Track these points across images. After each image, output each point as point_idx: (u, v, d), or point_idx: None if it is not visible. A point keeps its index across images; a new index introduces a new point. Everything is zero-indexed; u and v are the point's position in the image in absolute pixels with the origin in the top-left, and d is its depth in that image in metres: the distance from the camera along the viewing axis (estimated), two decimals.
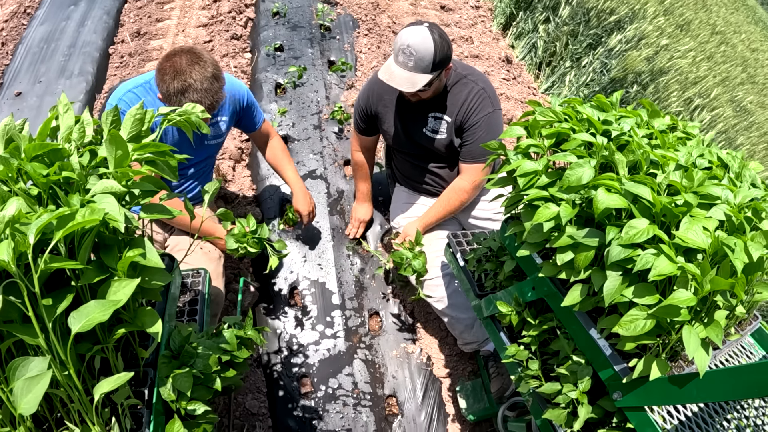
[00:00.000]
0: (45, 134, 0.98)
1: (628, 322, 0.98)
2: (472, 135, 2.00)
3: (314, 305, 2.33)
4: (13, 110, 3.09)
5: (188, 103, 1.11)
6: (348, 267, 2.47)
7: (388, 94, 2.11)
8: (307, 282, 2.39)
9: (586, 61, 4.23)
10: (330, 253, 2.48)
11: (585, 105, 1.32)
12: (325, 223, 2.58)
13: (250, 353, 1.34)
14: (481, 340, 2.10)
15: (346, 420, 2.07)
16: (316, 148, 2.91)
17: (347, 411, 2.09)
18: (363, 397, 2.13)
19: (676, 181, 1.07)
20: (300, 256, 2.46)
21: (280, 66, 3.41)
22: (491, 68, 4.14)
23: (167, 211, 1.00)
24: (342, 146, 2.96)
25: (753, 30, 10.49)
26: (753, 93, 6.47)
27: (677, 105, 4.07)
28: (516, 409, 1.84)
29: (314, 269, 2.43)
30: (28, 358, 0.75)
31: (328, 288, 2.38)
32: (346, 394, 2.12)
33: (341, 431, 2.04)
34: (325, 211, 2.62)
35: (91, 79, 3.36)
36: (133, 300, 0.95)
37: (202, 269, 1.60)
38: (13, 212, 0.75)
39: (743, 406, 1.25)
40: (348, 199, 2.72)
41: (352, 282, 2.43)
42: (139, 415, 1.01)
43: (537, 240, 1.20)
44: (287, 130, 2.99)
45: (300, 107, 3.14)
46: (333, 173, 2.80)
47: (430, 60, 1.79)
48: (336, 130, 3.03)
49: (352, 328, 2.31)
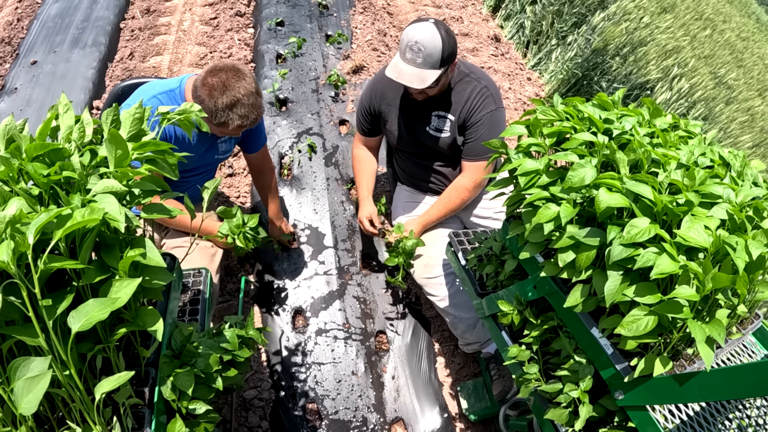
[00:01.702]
0: (45, 134, 0.98)
1: (630, 323, 0.98)
2: (474, 133, 2.00)
3: (309, 246, 2.48)
4: (29, 76, 3.30)
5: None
6: (341, 212, 2.63)
7: (391, 93, 2.10)
8: (302, 224, 2.56)
9: (571, 39, 4.46)
10: (324, 199, 2.65)
11: (586, 104, 1.31)
12: (321, 173, 2.77)
13: (252, 353, 1.34)
14: (483, 340, 2.09)
15: (336, 353, 2.17)
16: (313, 108, 3.11)
17: (338, 344, 2.20)
18: (354, 332, 2.25)
19: (678, 180, 1.07)
20: (297, 203, 2.62)
21: (281, 39, 3.63)
22: (480, 45, 4.39)
23: (167, 211, 1.00)
24: (337, 108, 3.16)
25: (745, 22, 10.45)
26: (740, 74, 6.50)
27: (656, 72, 4.22)
28: (518, 408, 1.84)
29: (310, 214, 2.60)
30: (29, 358, 0.75)
31: (322, 231, 2.54)
32: (337, 328, 2.24)
33: (332, 363, 2.15)
34: (321, 163, 2.82)
35: (104, 49, 3.56)
36: (135, 299, 0.95)
37: (203, 269, 1.60)
38: (13, 212, 0.75)
39: (745, 406, 1.25)
40: (342, 152, 2.90)
41: (345, 226, 2.58)
42: (140, 414, 1.01)
43: (538, 240, 1.20)
44: (287, 93, 3.17)
45: (299, 74, 3.34)
46: (329, 131, 3.02)
47: (438, 56, 1.80)
48: (332, 94, 3.23)
49: (344, 267, 2.44)
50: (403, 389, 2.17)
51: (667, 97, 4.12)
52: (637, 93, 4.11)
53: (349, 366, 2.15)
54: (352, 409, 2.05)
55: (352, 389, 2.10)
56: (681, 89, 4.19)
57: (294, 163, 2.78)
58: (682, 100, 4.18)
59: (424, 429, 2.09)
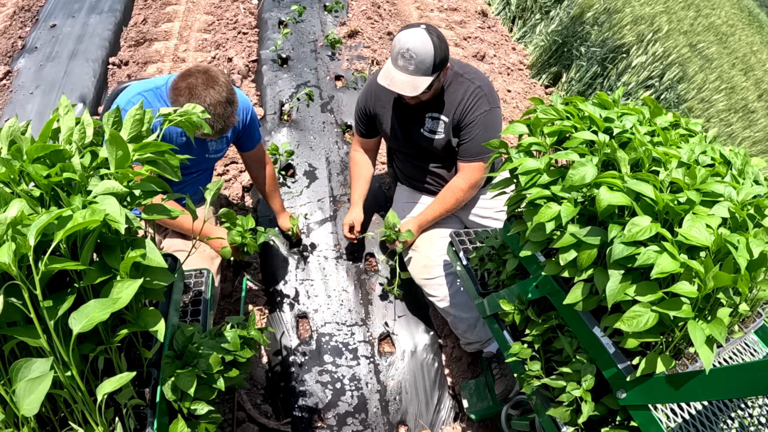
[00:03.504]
0: (46, 136, 0.98)
1: (630, 318, 0.98)
2: (469, 133, 1.99)
3: (305, 177, 2.77)
4: (48, 37, 3.59)
5: (188, 104, 1.11)
6: (335, 150, 2.92)
7: (385, 95, 2.10)
8: (300, 160, 2.85)
9: (554, 13, 4.87)
10: (320, 139, 2.96)
11: (587, 103, 1.31)
12: (318, 118, 3.07)
13: (253, 353, 1.35)
14: (484, 340, 2.09)
15: (328, 270, 2.42)
16: (311, 65, 3.46)
17: (329, 263, 2.43)
18: (345, 253, 2.48)
19: (679, 179, 1.07)
20: (295, 142, 2.91)
21: (283, 8, 3.99)
22: (468, 19, 4.72)
23: (168, 211, 1.00)
24: (333, 65, 3.50)
25: (735, 11, 10.41)
26: (722, 52, 6.53)
27: (630, 36, 4.44)
28: (519, 407, 1.84)
29: (306, 151, 2.90)
30: (31, 359, 0.75)
31: (318, 166, 2.83)
32: (328, 248, 2.49)
33: (323, 280, 2.38)
34: (318, 109, 3.13)
35: (119, 15, 3.87)
36: (136, 300, 0.95)
37: (204, 269, 1.60)
38: (14, 214, 0.75)
39: (747, 404, 1.25)
40: (337, 102, 3.20)
41: (338, 162, 2.86)
42: (142, 415, 1.01)
43: (539, 239, 1.20)
44: (288, 52, 3.54)
45: (299, 37, 3.72)
46: (325, 83, 3.34)
47: (431, 62, 1.79)
48: (329, 53, 3.59)
49: (337, 196, 2.69)
50: (391, 307, 2.36)
51: (643, 60, 4.32)
52: (613, 56, 4.39)
53: (339, 282, 2.38)
54: (341, 322, 2.27)
55: (342, 304, 2.32)
56: (656, 53, 4.43)
57: (293, 109, 3.08)
58: (657, 62, 4.40)
59: (410, 344, 2.25)
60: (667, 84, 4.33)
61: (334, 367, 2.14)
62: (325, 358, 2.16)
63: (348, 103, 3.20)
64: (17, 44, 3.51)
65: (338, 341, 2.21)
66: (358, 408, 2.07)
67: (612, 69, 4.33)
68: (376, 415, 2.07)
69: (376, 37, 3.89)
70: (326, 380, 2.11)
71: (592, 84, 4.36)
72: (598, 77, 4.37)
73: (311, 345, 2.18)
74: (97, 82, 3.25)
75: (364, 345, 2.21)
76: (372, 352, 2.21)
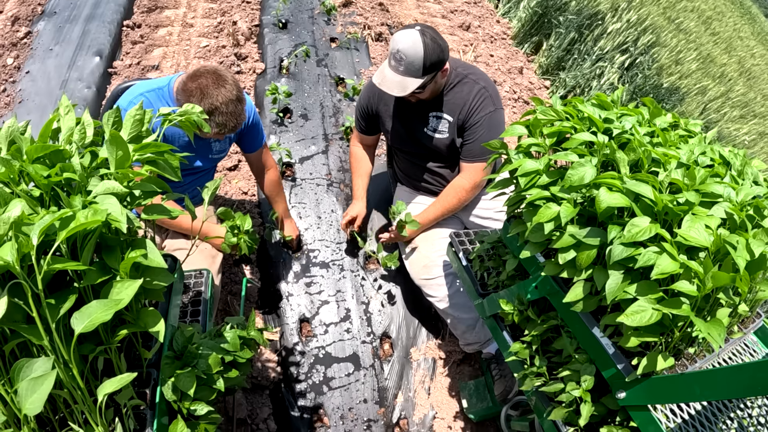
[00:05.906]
0: (46, 136, 0.98)
1: (634, 312, 0.97)
2: (473, 134, 2.00)
3: (301, 119, 3.08)
4: (66, 3, 3.83)
5: (187, 105, 1.11)
6: (329, 96, 3.28)
7: (388, 94, 2.10)
8: (295, 105, 3.15)
9: None
10: (315, 88, 3.32)
11: (586, 103, 1.32)
12: (314, 72, 3.45)
13: (253, 354, 1.35)
14: (483, 341, 2.09)
15: (319, 196, 2.73)
16: (308, 28, 3.85)
17: (320, 189, 2.75)
18: (334, 180, 2.82)
19: (678, 179, 1.07)
20: (292, 90, 3.20)
21: None
22: None
23: (167, 211, 1.00)
24: (329, 29, 3.89)
25: (725, 3, 10.41)
26: (701, 30, 6.62)
27: (606, 3, 4.79)
28: (519, 408, 1.84)
29: (302, 98, 3.24)
30: (32, 359, 0.75)
31: (312, 109, 3.16)
32: (320, 177, 2.81)
33: (315, 204, 2.69)
34: (314, 65, 3.51)
35: None
36: (136, 301, 0.95)
37: (204, 270, 1.60)
38: (17, 213, 0.75)
39: (746, 405, 1.25)
40: (332, 59, 3.60)
41: (331, 106, 3.22)
42: (142, 415, 1.01)
43: (539, 240, 1.20)
44: (287, 17, 3.90)
45: (298, 5, 4.06)
46: (321, 44, 3.73)
47: (420, 64, 1.80)
48: (325, 19, 3.98)
49: (329, 134, 3.04)
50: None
51: (618, 27, 4.62)
52: (589, 23, 4.76)
53: (329, 206, 2.68)
54: (330, 240, 2.57)
55: (331, 225, 2.61)
56: (629, 20, 4.77)
57: (291, 64, 3.44)
58: (632, 29, 4.74)
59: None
60: (642, 49, 4.62)
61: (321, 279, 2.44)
62: (312, 270, 2.47)
63: (341, 60, 3.61)
64: (37, 9, 3.76)
65: (326, 257, 2.53)
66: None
67: (589, 35, 4.61)
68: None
69: (369, 7, 4.31)
70: (314, 291, 2.40)
71: (570, 50, 4.63)
72: (576, 42, 4.64)
73: (302, 260, 2.48)
74: (113, 40, 3.56)
75: (349, 260, 2.52)
76: (357, 267, 2.52)
